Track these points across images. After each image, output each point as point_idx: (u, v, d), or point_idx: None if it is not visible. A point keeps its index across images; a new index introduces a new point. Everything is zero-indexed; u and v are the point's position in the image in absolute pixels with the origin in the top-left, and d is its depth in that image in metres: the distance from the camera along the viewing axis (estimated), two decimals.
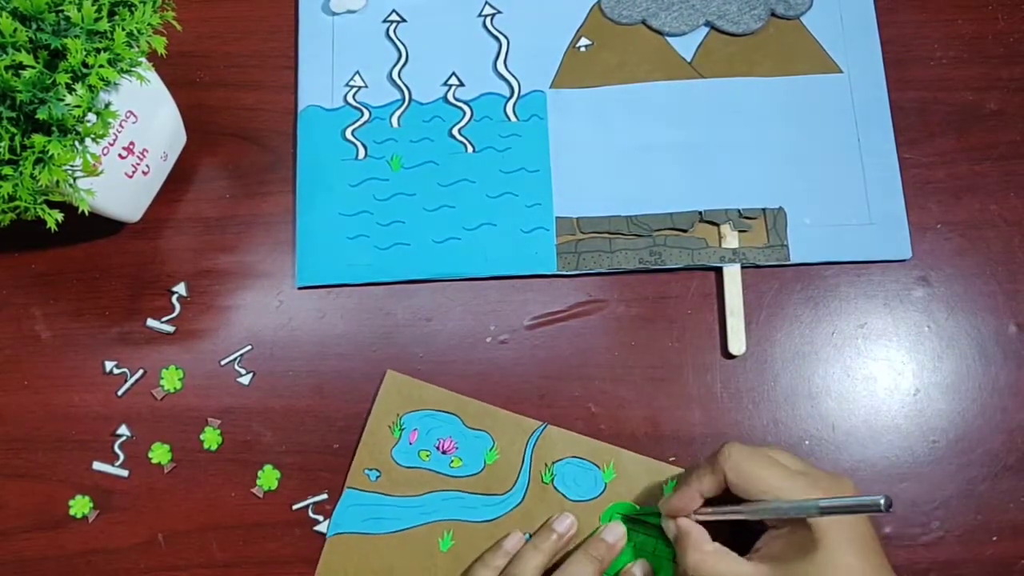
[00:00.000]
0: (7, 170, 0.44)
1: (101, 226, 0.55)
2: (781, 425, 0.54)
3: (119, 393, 0.55)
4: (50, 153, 0.44)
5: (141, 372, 0.55)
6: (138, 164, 0.52)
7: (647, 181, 0.57)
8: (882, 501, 0.38)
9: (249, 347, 0.56)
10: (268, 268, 0.57)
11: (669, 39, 0.60)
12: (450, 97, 0.59)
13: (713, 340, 0.55)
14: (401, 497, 0.53)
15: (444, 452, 0.53)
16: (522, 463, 0.53)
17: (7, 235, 0.54)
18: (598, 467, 0.53)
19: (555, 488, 0.53)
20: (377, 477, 0.53)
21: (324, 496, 0.54)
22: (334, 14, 0.61)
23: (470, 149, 0.58)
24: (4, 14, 0.43)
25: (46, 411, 0.55)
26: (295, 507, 0.53)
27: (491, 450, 0.53)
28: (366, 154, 0.58)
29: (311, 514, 0.53)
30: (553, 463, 0.53)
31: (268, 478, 0.54)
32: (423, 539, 0.52)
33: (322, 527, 0.53)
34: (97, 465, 0.54)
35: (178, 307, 0.56)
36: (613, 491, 0.52)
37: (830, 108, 0.58)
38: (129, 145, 0.50)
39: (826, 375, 0.55)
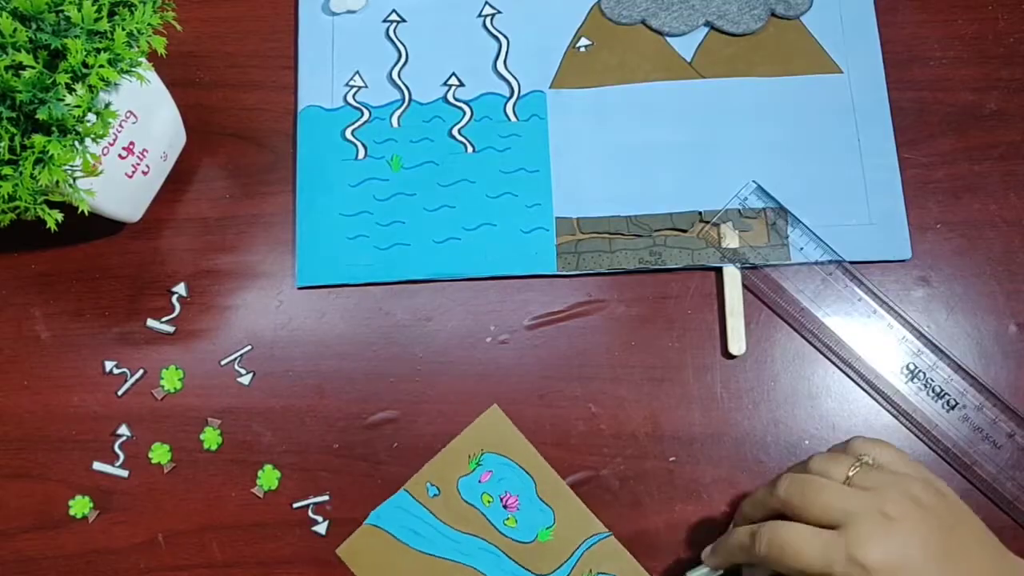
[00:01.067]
0: (7, 170, 0.44)
1: (101, 226, 0.55)
2: (781, 425, 0.54)
3: (119, 393, 0.55)
4: (50, 153, 0.44)
5: (141, 372, 0.55)
6: (138, 164, 0.52)
7: (647, 181, 0.57)
8: None
9: (249, 347, 0.56)
10: (268, 268, 0.57)
11: (669, 39, 0.60)
12: (450, 97, 0.59)
13: (713, 340, 0.55)
14: (446, 525, 0.52)
15: (505, 507, 0.53)
16: (570, 556, 0.52)
17: (7, 235, 0.54)
18: None
19: None
20: (435, 495, 0.53)
21: (325, 497, 0.54)
22: (334, 14, 0.61)
23: (470, 149, 0.58)
24: (4, 14, 0.43)
25: (46, 411, 0.55)
26: (295, 505, 0.53)
27: (548, 529, 0.52)
28: (366, 154, 0.58)
29: (311, 514, 0.53)
30: (598, 573, 0.52)
31: (268, 478, 0.54)
32: (446, 574, 0.52)
33: (320, 528, 0.53)
34: (97, 465, 0.54)
35: (178, 307, 0.56)
36: None
37: (830, 108, 0.58)
38: (129, 145, 0.50)
39: (826, 375, 0.55)
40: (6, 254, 0.57)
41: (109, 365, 0.55)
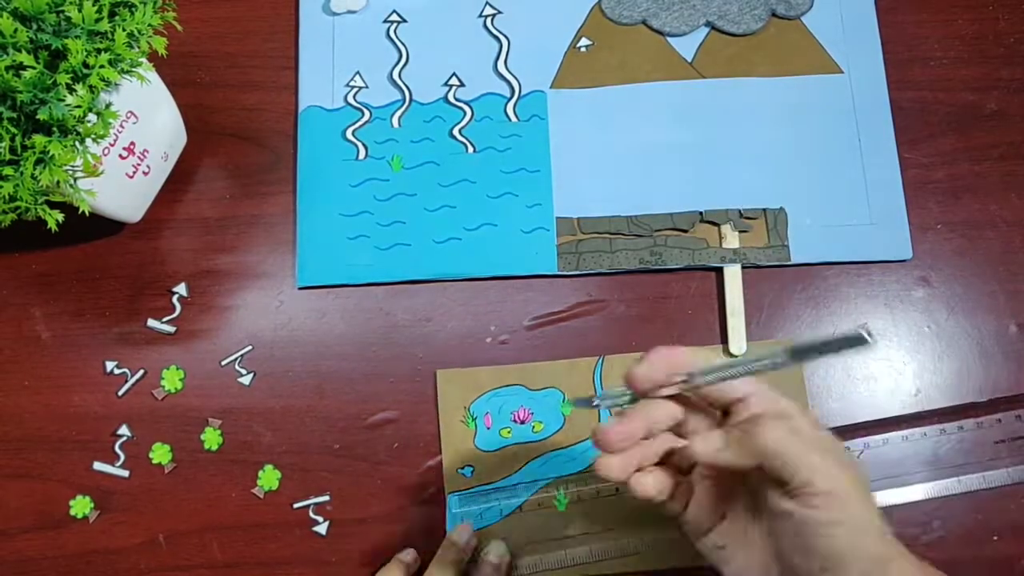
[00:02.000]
0: (8, 170, 0.44)
1: (101, 226, 0.55)
2: None
3: (119, 393, 0.55)
4: (51, 153, 0.44)
5: (141, 372, 0.55)
6: (138, 164, 0.52)
7: (647, 181, 0.57)
8: (864, 333, 0.33)
9: (249, 347, 0.56)
10: (268, 268, 0.57)
11: (669, 39, 0.60)
12: (450, 97, 0.59)
13: (714, 340, 0.55)
14: (503, 480, 0.53)
15: (522, 422, 0.54)
16: (597, 403, 0.53)
17: (7, 235, 0.53)
18: None
19: None
20: (472, 472, 0.54)
21: (325, 497, 0.54)
22: (334, 14, 0.61)
23: (470, 149, 0.58)
24: (5, 14, 0.43)
25: (46, 411, 0.55)
26: (296, 506, 0.53)
27: (564, 402, 0.54)
28: (366, 154, 0.58)
29: (311, 515, 0.53)
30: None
31: (268, 478, 0.54)
32: (540, 508, 0.53)
33: (321, 528, 0.53)
34: (97, 465, 0.54)
35: (178, 307, 0.56)
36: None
37: (830, 108, 0.58)
38: (130, 145, 0.50)
39: (826, 375, 0.55)
40: (6, 254, 0.57)
41: (110, 365, 0.55)
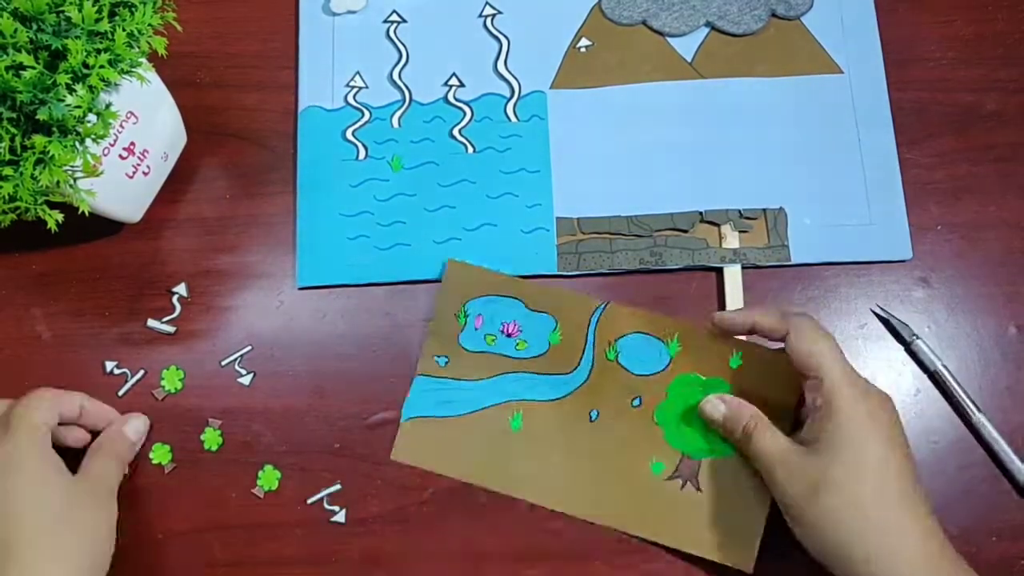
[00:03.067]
0: (8, 171, 0.44)
1: (101, 226, 0.55)
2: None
3: (120, 393, 0.55)
4: (50, 154, 0.44)
5: (142, 372, 0.55)
6: (138, 164, 0.52)
7: (647, 181, 0.57)
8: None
9: (249, 347, 0.56)
10: (268, 268, 0.57)
11: (669, 39, 0.60)
12: (450, 97, 0.59)
13: None
14: (470, 381, 0.54)
15: (509, 335, 0.54)
16: (585, 341, 0.53)
17: (7, 235, 0.53)
18: (662, 341, 0.53)
19: (619, 364, 0.53)
20: (446, 363, 0.54)
21: (338, 487, 0.53)
22: (334, 14, 0.61)
23: (470, 149, 0.58)
24: (5, 15, 0.43)
25: None
26: (310, 500, 0.53)
27: (554, 331, 0.54)
28: (366, 154, 0.58)
29: (327, 506, 0.53)
30: (616, 339, 0.53)
31: (268, 478, 0.54)
32: (494, 420, 0.53)
33: (339, 517, 0.53)
34: None
35: (179, 307, 0.56)
36: (678, 364, 0.53)
37: (830, 108, 0.58)
38: (129, 145, 0.50)
39: None
40: (6, 254, 0.57)
41: (110, 365, 0.55)
